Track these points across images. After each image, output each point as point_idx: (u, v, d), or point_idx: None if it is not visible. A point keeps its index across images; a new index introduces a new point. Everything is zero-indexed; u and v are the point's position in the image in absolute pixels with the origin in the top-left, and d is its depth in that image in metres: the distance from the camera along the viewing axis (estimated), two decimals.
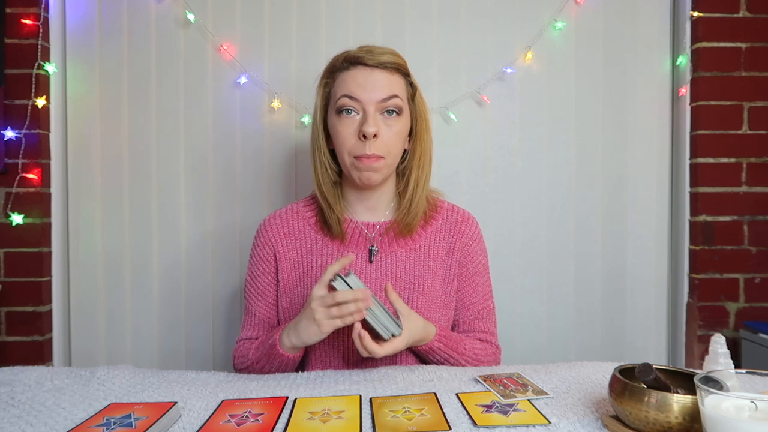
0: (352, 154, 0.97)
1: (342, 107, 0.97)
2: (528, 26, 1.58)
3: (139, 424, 0.65)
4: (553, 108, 1.59)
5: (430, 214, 1.08)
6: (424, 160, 1.04)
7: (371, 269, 1.02)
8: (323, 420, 0.67)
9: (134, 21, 1.55)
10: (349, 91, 0.96)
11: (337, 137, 0.99)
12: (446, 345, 0.98)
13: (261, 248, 1.08)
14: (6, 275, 1.49)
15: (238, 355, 1.05)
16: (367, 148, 0.95)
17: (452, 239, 1.07)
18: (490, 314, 1.09)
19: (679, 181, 1.60)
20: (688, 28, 1.55)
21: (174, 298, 1.58)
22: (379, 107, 0.97)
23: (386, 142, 0.97)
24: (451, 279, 1.06)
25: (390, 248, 1.04)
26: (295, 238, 1.06)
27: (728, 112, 1.53)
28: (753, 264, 1.54)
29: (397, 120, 0.99)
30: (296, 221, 1.07)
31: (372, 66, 0.97)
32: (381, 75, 0.97)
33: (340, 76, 0.99)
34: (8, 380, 0.82)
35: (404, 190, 1.04)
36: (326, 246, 1.04)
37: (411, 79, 1.03)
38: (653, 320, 1.62)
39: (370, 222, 1.06)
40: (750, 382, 0.61)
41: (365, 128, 0.94)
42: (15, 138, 1.46)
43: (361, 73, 0.97)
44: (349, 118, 0.97)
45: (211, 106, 1.56)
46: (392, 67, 0.98)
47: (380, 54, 0.97)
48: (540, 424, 0.65)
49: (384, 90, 0.96)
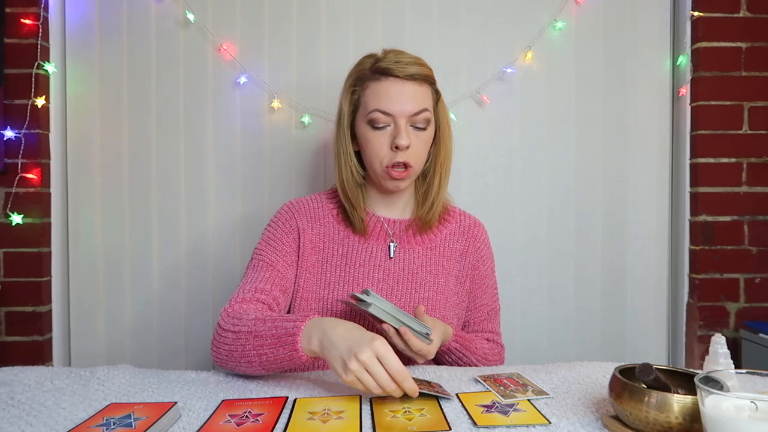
0: (384, 164, 1.00)
1: (376, 122, 0.99)
2: (528, 26, 1.58)
3: (138, 424, 0.65)
4: (553, 108, 1.59)
5: (444, 216, 1.12)
6: (447, 164, 1.08)
7: (390, 264, 1.05)
8: (323, 420, 0.67)
9: (134, 21, 1.55)
10: (381, 105, 0.98)
11: (368, 147, 1.01)
12: (461, 345, 1.02)
13: (285, 223, 1.05)
14: (6, 275, 1.49)
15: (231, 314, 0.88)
16: (399, 157, 0.99)
17: (466, 242, 1.12)
18: (496, 315, 1.15)
19: (679, 181, 1.60)
20: (688, 28, 1.55)
21: (174, 298, 1.58)
22: (410, 120, 0.99)
23: (415, 152, 1.01)
24: (464, 280, 1.10)
25: (409, 245, 1.07)
26: (320, 224, 1.07)
27: (728, 112, 1.53)
28: (753, 264, 1.54)
29: (426, 131, 1.02)
30: (320, 209, 1.09)
31: (403, 78, 0.98)
32: (411, 88, 0.99)
33: (371, 87, 1.00)
34: (8, 380, 0.82)
35: (427, 191, 1.08)
36: (348, 237, 1.06)
37: (436, 87, 1.06)
38: (653, 320, 1.62)
39: (391, 218, 1.09)
40: (750, 382, 0.61)
41: (398, 141, 0.97)
42: (15, 138, 1.46)
43: (393, 86, 0.98)
44: (382, 130, 0.99)
45: (211, 106, 1.56)
46: (421, 78, 1.00)
47: (409, 64, 0.99)
48: (540, 424, 0.65)
49: (415, 104, 0.98)
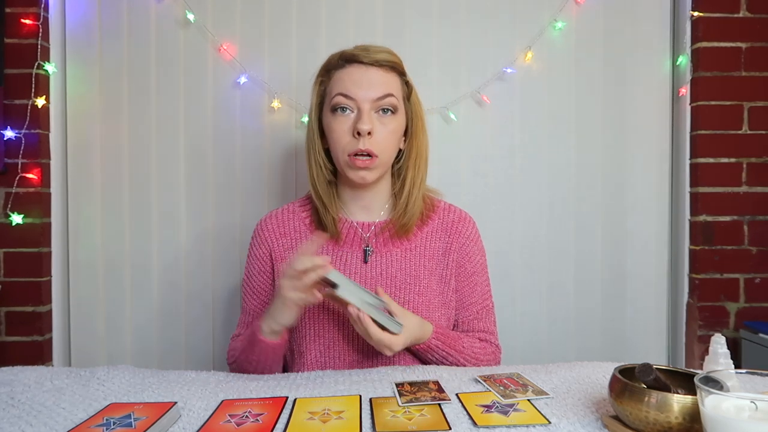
0: (347, 152, 0.97)
1: (337, 105, 0.97)
2: (528, 26, 1.58)
3: (138, 424, 0.65)
4: (553, 108, 1.59)
5: (427, 214, 1.08)
6: (420, 161, 1.04)
7: (366, 269, 1.02)
8: (323, 420, 0.67)
9: (134, 21, 1.55)
10: (344, 89, 0.97)
11: (331, 135, 0.99)
12: (444, 343, 0.98)
13: (257, 248, 1.08)
14: (6, 275, 1.49)
15: (229, 349, 1.07)
16: (361, 144, 0.96)
17: (448, 239, 1.07)
18: (489, 314, 1.09)
19: (679, 181, 1.60)
20: (688, 28, 1.55)
21: (174, 298, 1.58)
22: (374, 105, 0.97)
23: (380, 141, 0.97)
24: (448, 279, 1.06)
25: (385, 248, 1.04)
26: (291, 237, 1.07)
27: (728, 112, 1.53)
28: (753, 264, 1.54)
29: (392, 119, 0.99)
30: (292, 221, 1.08)
31: (367, 64, 0.97)
32: (376, 73, 0.97)
33: (336, 74, 0.99)
34: (8, 380, 0.82)
35: (400, 191, 1.04)
36: (321, 246, 1.04)
37: (407, 78, 1.04)
38: (653, 320, 1.62)
39: (366, 222, 1.06)
40: (750, 382, 0.61)
41: (360, 125, 0.95)
42: (15, 138, 1.46)
43: (356, 70, 0.97)
44: (344, 116, 0.97)
45: (211, 106, 1.56)
46: (388, 66, 0.99)
47: (376, 52, 0.98)
48: (540, 424, 0.65)
49: (379, 88, 0.97)
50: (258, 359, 0.95)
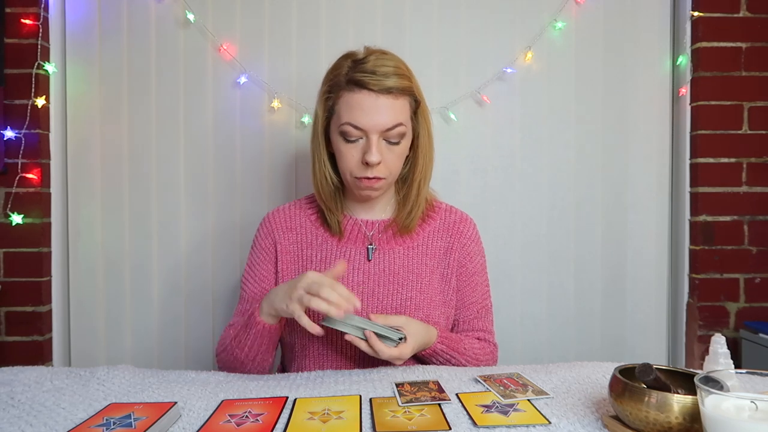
0: (354, 175, 0.98)
1: (347, 135, 0.96)
2: (528, 26, 1.58)
3: (138, 424, 0.65)
4: (553, 108, 1.59)
5: (428, 214, 1.10)
6: (426, 169, 1.05)
7: (369, 267, 1.04)
8: (323, 420, 0.67)
9: (134, 21, 1.55)
10: (352, 119, 0.94)
11: (340, 157, 1.00)
12: (448, 346, 0.99)
13: (263, 239, 1.10)
14: (6, 275, 1.49)
15: (221, 338, 1.05)
16: (369, 172, 0.97)
17: (450, 239, 1.09)
18: (488, 313, 1.11)
19: (679, 181, 1.60)
20: (688, 28, 1.55)
21: (174, 298, 1.58)
22: (383, 135, 0.96)
23: (388, 166, 0.98)
24: (449, 278, 1.07)
25: (388, 246, 1.06)
26: (296, 232, 1.08)
27: (728, 112, 1.53)
28: (753, 264, 1.54)
29: (400, 145, 0.99)
30: (298, 217, 1.10)
31: (377, 92, 0.94)
32: (386, 102, 0.94)
33: (344, 97, 0.95)
34: (8, 380, 0.82)
35: (406, 195, 1.05)
36: (326, 242, 1.06)
37: (415, 96, 1.00)
38: (653, 320, 1.62)
39: (369, 220, 1.08)
40: (750, 382, 0.61)
41: (368, 157, 0.95)
42: (15, 138, 1.46)
43: (366, 99, 0.94)
44: (353, 144, 0.97)
45: (211, 106, 1.56)
46: (397, 92, 0.95)
47: (385, 76, 0.93)
48: (540, 424, 0.65)
49: (388, 119, 0.95)
50: (251, 345, 0.94)
